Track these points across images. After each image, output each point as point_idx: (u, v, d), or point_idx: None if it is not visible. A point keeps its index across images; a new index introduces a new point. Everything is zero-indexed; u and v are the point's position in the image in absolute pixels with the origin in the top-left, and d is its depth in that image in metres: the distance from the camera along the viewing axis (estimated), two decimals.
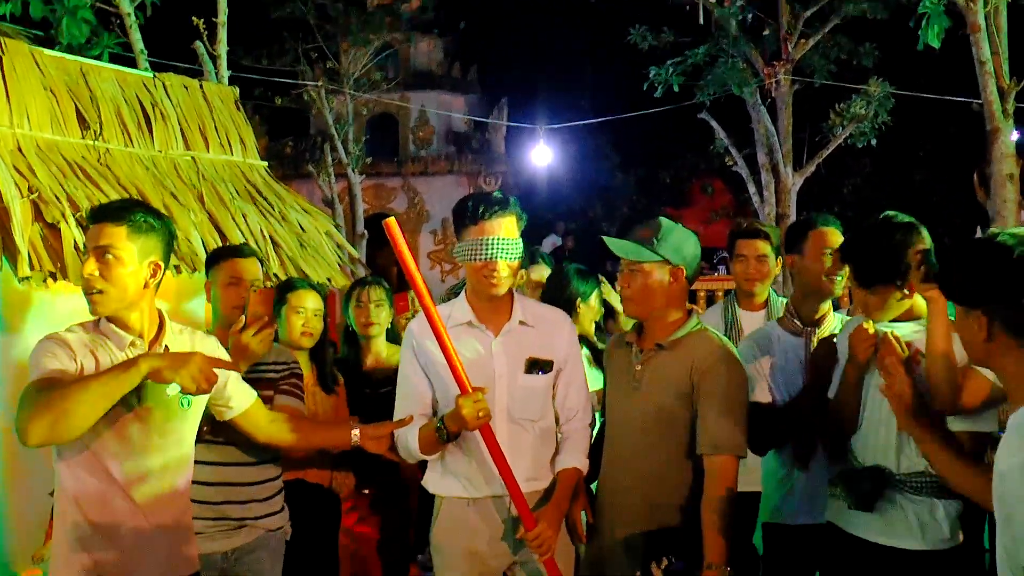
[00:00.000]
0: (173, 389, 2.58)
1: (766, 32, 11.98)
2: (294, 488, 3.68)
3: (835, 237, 3.57)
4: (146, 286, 2.65)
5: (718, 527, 2.89)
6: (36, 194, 3.90)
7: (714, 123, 12.41)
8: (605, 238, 3.17)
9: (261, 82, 12.38)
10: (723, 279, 10.97)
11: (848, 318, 3.42)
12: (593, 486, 3.31)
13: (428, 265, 19.03)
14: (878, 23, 12.05)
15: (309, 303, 3.82)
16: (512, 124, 17.88)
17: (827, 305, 3.54)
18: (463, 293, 3.27)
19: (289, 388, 3.48)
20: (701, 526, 2.92)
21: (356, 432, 3.21)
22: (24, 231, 3.73)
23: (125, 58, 7.15)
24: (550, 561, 3.03)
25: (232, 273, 3.41)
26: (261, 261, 3.69)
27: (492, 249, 3.04)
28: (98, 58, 6.98)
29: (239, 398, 2.99)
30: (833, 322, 3.51)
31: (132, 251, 2.61)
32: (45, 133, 4.30)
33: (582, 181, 22.56)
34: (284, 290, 3.89)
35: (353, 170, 13.72)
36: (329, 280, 5.35)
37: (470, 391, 2.98)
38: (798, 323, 3.53)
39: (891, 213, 2.95)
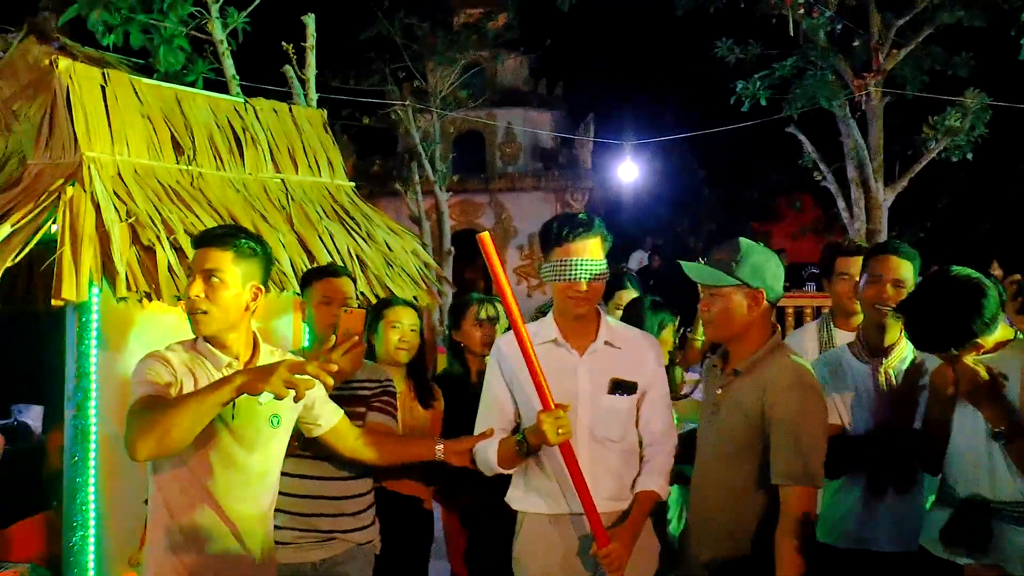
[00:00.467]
0: (265, 398, 2.68)
1: (856, 43, 11.76)
2: (388, 501, 3.77)
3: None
4: (247, 308, 2.81)
5: (791, 557, 2.85)
6: (134, 218, 4.06)
7: (802, 137, 12.22)
8: (683, 263, 3.21)
9: (349, 102, 12.61)
10: (811, 296, 10.76)
11: None
12: None
13: (515, 280, 19.14)
14: (975, 31, 11.72)
15: (406, 319, 3.95)
16: (598, 140, 17.90)
17: (895, 332, 3.40)
18: (550, 312, 3.35)
19: (381, 405, 3.60)
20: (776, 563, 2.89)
21: (440, 447, 3.32)
22: (122, 253, 3.89)
23: (218, 83, 7.39)
24: None
25: (325, 292, 3.56)
26: (353, 280, 3.79)
27: (576, 270, 3.13)
28: (192, 84, 7.24)
29: (327, 416, 3.15)
30: (905, 351, 3.40)
31: (236, 275, 2.77)
32: (142, 159, 4.47)
33: (669, 196, 22.50)
34: (381, 307, 4.06)
35: (440, 188, 13.95)
36: (415, 298, 5.44)
37: (552, 407, 3.04)
38: (865, 351, 3.46)
39: (956, 270, 2.81)
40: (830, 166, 12.32)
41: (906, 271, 3.37)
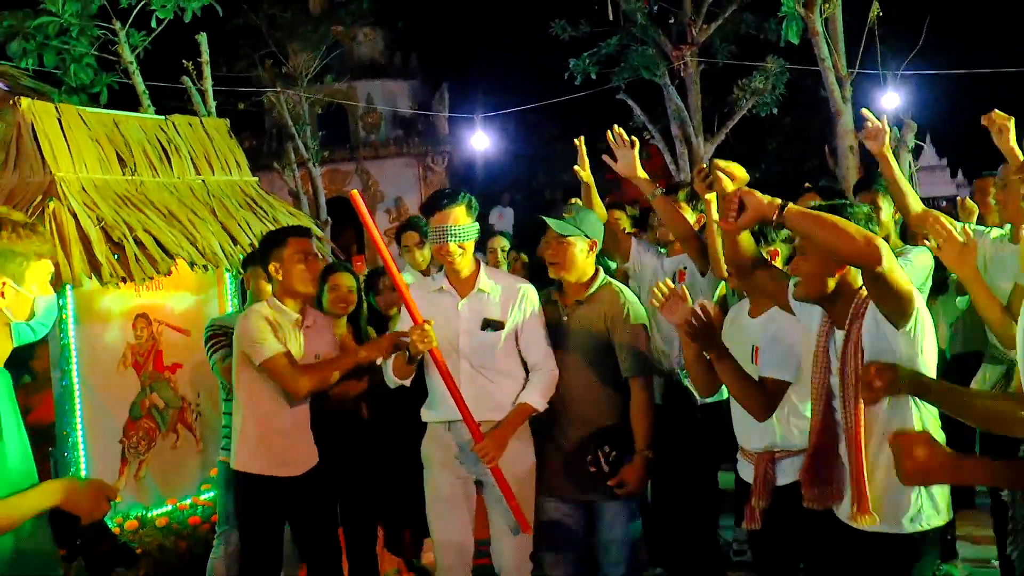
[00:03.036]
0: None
1: (672, 20, 13.38)
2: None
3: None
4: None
5: (646, 425, 3.94)
6: (103, 222, 5.30)
7: (631, 102, 13.89)
8: (545, 217, 3.99)
9: (223, 91, 13.60)
10: None
11: None
12: None
13: (386, 241, 20.33)
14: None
15: (344, 281, 4.74)
16: (453, 116, 19.13)
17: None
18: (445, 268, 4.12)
19: None
20: (632, 427, 3.93)
21: (362, 353, 4.20)
22: (100, 249, 5.14)
23: (124, 92, 8.50)
24: (495, 469, 3.85)
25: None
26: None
27: (444, 235, 3.87)
28: (98, 95, 8.31)
29: None
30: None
31: None
32: (97, 174, 5.68)
33: (524, 154, 23.86)
34: (327, 272, 4.69)
35: (313, 164, 15.02)
36: None
37: (420, 322, 3.84)
38: None
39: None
40: (656, 126, 14.02)
41: None
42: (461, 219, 3.88)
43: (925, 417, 2.88)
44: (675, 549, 4.82)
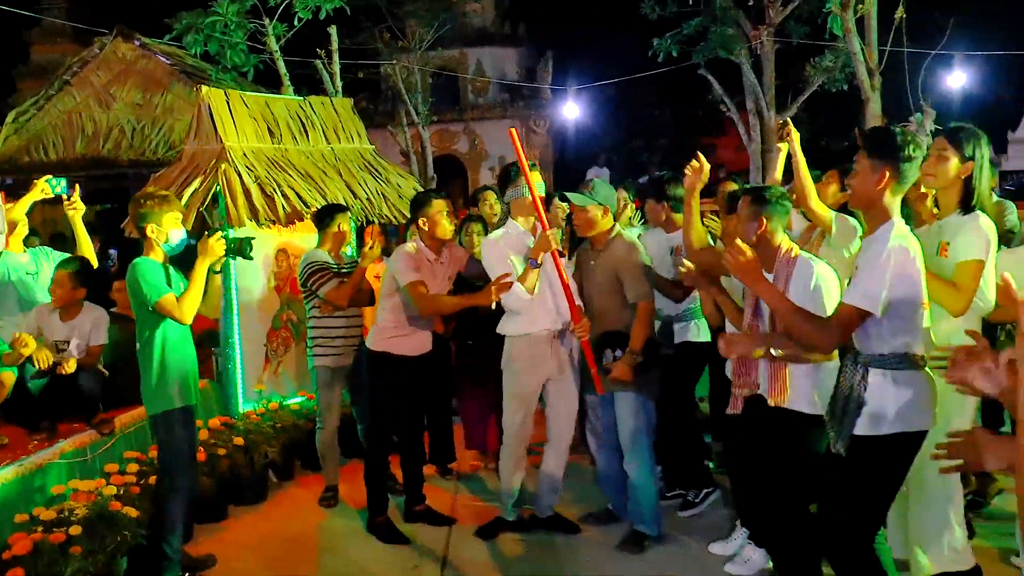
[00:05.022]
0: None
1: (751, 2, 14.44)
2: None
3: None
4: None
5: (640, 335, 5.15)
6: (258, 180, 7.13)
7: (711, 77, 15.13)
8: (567, 193, 5.26)
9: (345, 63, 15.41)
10: None
11: None
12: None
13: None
14: None
15: (475, 228, 6.84)
16: (553, 87, 20.56)
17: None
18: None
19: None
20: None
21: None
22: (257, 200, 6.96)
23: (267, 71, 10.41)
24: (585, 342, 5.17)
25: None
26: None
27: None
28: (246, 73, 10.21)
29: None
30: None
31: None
32: (254, 143, 7.52)
33: (620, 120, 25.18)
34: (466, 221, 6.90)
35: (423, 127, 16.75)
36: None
37: (549, 228, 5.15)
38: None
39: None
40: (733, 100, 15.24)
41: None
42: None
43: None
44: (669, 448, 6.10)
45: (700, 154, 4.91)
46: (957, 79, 15.53)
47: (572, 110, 20.40)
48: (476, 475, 7.01)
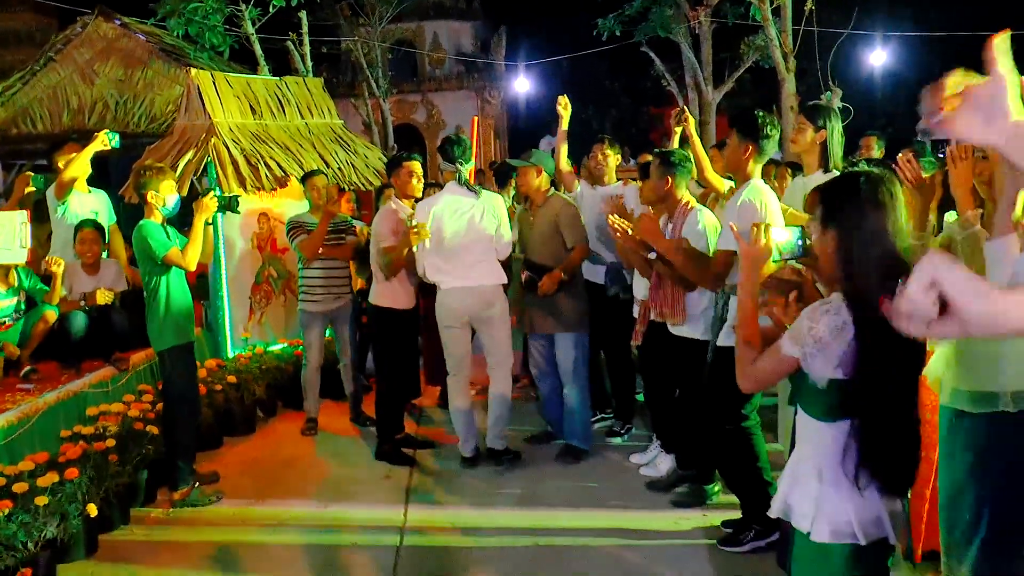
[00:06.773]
0: None
1: None
2: None
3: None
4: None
5: (567, 263, 6.15)
6: (244, 152, 8.10)
7: (652, 54, 16.23)
8: (509, 160, 6.85)
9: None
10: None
11: None
12: None
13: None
14: None
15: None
16: (508, 63, 21.50)
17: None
18: None
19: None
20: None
21: None
22: (243, 169, 7.95)
23: (241, 51, 11.34)
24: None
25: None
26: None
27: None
28: (223, 52, 11.12)
29: None
30: None
31: None
32: (238, 119, 8.48)
33: (576, 88, 26.13)
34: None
35: (383, 100, 17.69)
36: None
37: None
38: None
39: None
40: (673, 75, 16.36)
41: None
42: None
43: None
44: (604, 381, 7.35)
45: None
46: (878, 57, 16.75)
47: (524, 84, 21.36)
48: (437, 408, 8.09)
